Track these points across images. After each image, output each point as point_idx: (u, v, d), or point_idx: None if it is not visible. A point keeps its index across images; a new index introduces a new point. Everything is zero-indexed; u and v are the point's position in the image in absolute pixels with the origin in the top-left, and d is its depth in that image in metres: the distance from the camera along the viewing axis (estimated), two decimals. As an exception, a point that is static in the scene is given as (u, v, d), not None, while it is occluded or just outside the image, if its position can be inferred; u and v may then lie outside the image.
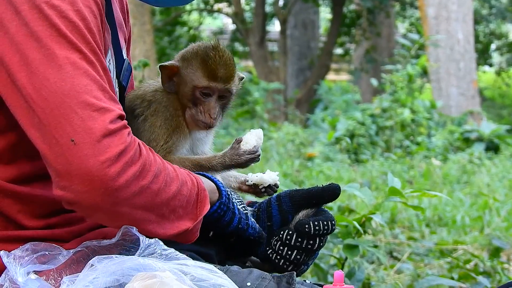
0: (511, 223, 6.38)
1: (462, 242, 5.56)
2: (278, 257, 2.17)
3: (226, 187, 2.11)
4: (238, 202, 2.13)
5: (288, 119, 16.32)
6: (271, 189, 2.27)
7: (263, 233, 2.17)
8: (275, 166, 9.64)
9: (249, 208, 2.23)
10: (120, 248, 1.89)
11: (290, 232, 2.16)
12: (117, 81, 2.17)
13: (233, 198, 2.11)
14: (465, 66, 14.36)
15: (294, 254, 2.17)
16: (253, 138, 2.18)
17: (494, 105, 24.46)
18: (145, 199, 1.83)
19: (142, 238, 1.83)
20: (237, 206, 2.11)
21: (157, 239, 1.84)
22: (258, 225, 2.16)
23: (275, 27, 25.96)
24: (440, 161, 10.72)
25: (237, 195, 2.17)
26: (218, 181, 2.09)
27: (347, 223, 3.36)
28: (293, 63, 20.34)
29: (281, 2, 20.11)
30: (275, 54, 21.87)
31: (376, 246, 3.39)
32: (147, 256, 1.81)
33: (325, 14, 27.09)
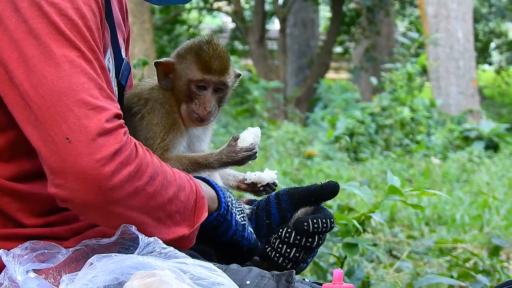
0: (510, 222, 6.38)
1: (461, 241, 5.56)
2: (277, 255, 2.17)
3: (227, 195, 2.10)
4: (238, 212, 2.12)
5: (288, 117, 16.32)
6: (269, 187, 2.26)
7: (258, 244, 2.16)
8: (275, 164, 9.64)
9: (247, 206, 2.22)
10: (119, 246, 1.89)
11: (289, 230, 2.16)
12: (116, 80, 2.17)
13: (233, 208, 2.10)
14: (465, 65, 14.36)
15: (293, 252, 2.17)
16: (250, 136, 2.18)
17: (493, 104, 24.46)
18: (140, 200, 1.82)
19: (141, 236, 1.83)
20: (235, 218, 2.10)
21: (156, 238, 1.84)
22: (254, 236, 2.16)
23: (274, 25, 25.95)
24: (439, 160, 10.72)
25: (239, 203, 2.15)
26: (220, 190, 2.08)
27: (347, 222, 3.36)
28: (292, 61, 20.34)
29: (280, 1, 20.10)
30: (274, 52, 21.88)
31: (375, 245, 3.39)
32: (146, 255, 1.81)
33: (324, 12, 27.10)
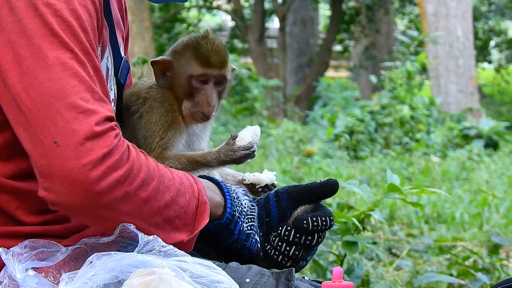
0: (510, 220, 6.38)
1: (461, 239, 5.56)
2: (277, 253, 2.17)
3: (237, 203, 2.07)
4: (248, 220, 2.10)
5: (287, 116, 16.33)
6: (268, 188, 2.25)
7: (260, 254, 2.15)
8: (274, 162, 9.64)
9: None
10: (119, 245, 1.88)
11: (289, 228, 2.16)
12: (115, 78, 2.17)
13: (240, 217, 2.07)
14: (464, 63, 14.35)
15: (292, 250, 2.16)
16: (249, 135, 2.18)
17: (493, 102, 24.46)
18: (132, 205, 1.81)
19: (141, 235, 1.83)
20: (241, 227, 2.08)
21: (155, 236, 1.84)
22: (259, 245, 2.13)
23: (274, 24, 25.95)
24: (439, 158, 10.73)
25: (252, 210, 2.12)
26: (229, 199, 2.06)
27: (346, 220, 3.36)
28: (292, 60, 20.34)
29: (280, -1, 20.11)
30: (274, 51, 21.89)
31: (375, 243, 3.39)
32: (146, 253, 1.81)
33: (324, 11, 27.09)
